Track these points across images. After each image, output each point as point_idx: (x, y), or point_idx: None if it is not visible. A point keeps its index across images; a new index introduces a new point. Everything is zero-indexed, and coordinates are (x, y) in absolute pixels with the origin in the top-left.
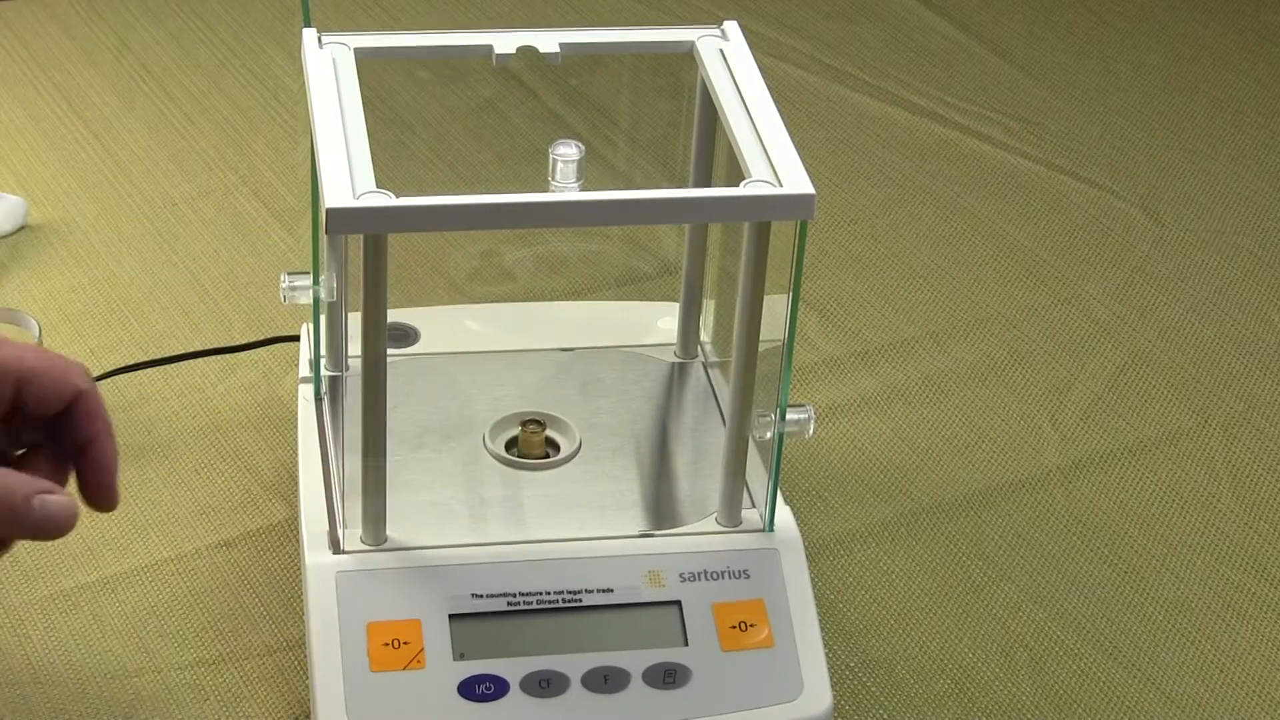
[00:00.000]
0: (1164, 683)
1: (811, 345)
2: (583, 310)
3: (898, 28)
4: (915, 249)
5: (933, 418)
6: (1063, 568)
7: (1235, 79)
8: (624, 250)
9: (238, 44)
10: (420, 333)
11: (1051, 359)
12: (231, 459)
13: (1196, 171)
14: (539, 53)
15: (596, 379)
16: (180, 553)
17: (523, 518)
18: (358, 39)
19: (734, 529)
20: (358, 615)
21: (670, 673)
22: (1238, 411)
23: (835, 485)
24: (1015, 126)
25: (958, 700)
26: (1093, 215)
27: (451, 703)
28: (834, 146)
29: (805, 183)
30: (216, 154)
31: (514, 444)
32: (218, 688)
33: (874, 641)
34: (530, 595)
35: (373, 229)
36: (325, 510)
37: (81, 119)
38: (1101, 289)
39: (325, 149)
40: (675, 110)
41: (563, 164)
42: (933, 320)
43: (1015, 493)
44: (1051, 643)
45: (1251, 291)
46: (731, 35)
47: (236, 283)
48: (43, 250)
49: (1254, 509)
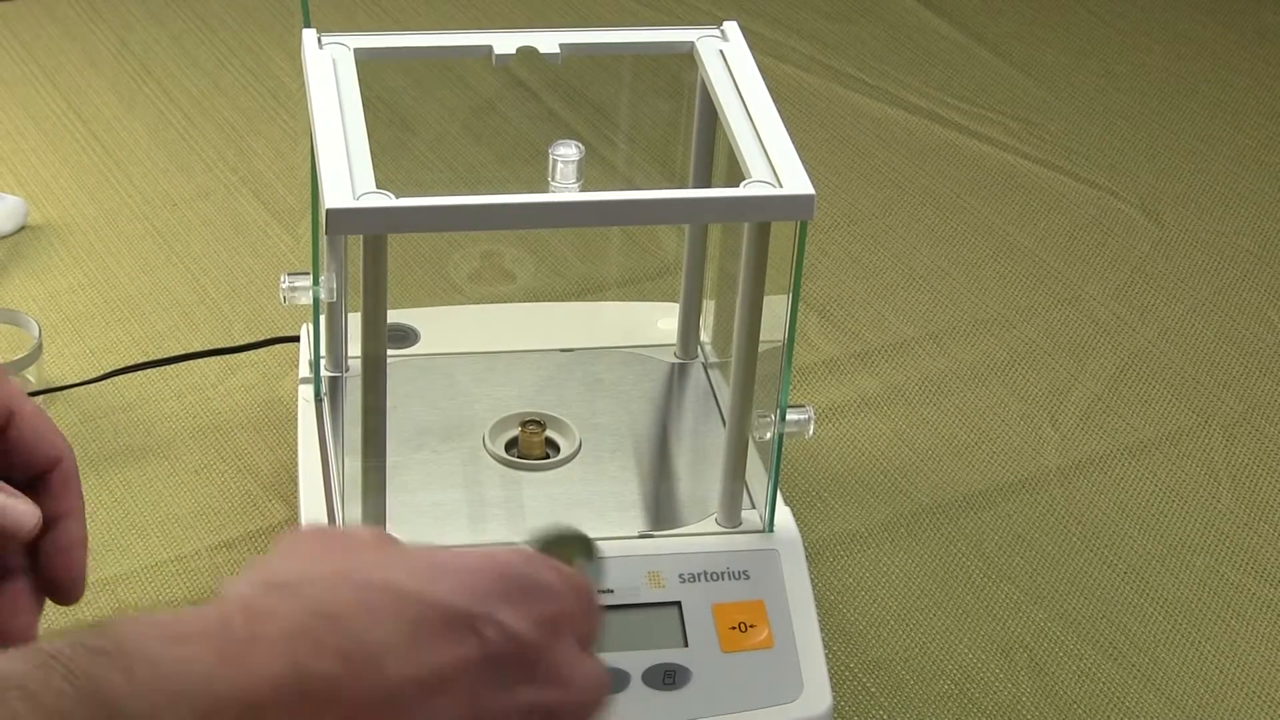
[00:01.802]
0: (1164, 683)
1: (811, 346)
2: (583, 310)
3: (898, 28)
4: (915, 249)
5: (932, 418)
6: (1063, 568)
7: (1235, 79)
8: (624, 250)
9: (238, 44)
10: (420, 333)
11: (1051, 359)
12: (231, 460)
13: (1196, 171)
14: (539, 53)
15: (596, 379)
16: (180, 553)
17: (523, 518)
18: (357, 39)
19: (734, 529)
20: None
21: (670, 673)
22: (1238, 412)
23: (835, 486)
24: (1015, 126)
25: (958, 701)
26: (1093, 216)
27: None
28: (834, 146)
29: (805, 183)
30: (216, 154)
31: (514, 444)
32: None
33: (874, 642)
34: None
35: (373, 229)
36: (325, 511)
37: (81, 119)
38: (1101, 289)
39: (325, 149)
40: (675, 110)
41: (562, 164)
42: (933, 321)
43: (1015, 493)
44: (1051, 643)
45: (1251, 292)
46: (731, 36)
47: (236, 283)
48: (43, 250)
49: (1254, 509)
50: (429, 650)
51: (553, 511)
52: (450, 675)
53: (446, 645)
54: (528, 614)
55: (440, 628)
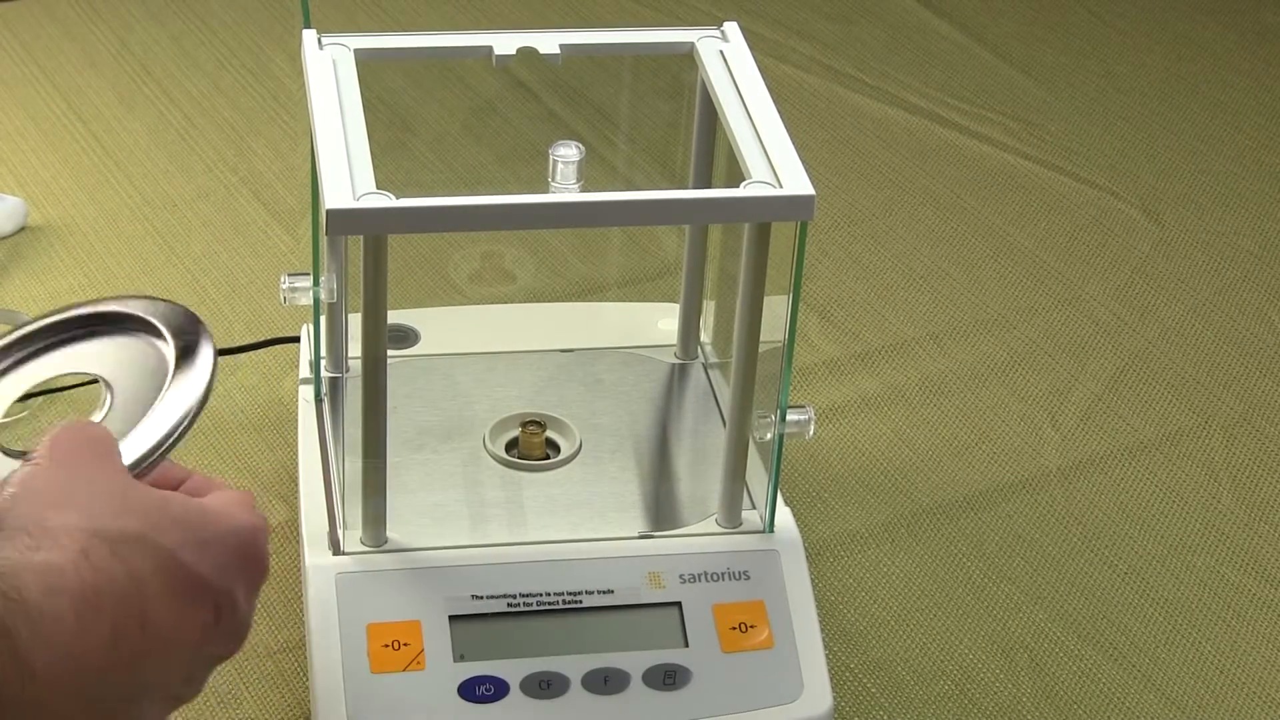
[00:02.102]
0: (1164, 683)
1: (811, 346)
2: (583, 311)
3: (898, 28)
4: (915, 249)
5: (933, 419)
6: (1063, 568)
7: (1235, 79)
8: (624, 250)
9: (238, 44)
10: (420, 334)
11: (1051, 360)
12: (231, 460)
13: (1196, 172)
14: (539, 53)
15: (596, 380)
16: None
17: (523, 519)
18: (358, 40)
19: (734, 530)
20: (358, 617)
21: (670, 674)
22: (1238, 412)
23: (835, 486)
24: (1015, 127)
25: (958, 701)
26: (1093, 216)
27: (452, 704)
28: (834, 147)
29: (805, 184)
30: (216, 155)
31: (514, 445)
32: (218, 689)
33: (874, 642)
34: (530, 596)
35: (373, 230)
36: (325, 511)
37: (81, 119)
38: (1102, 290)
39: (325, 150)
40: (675, 111)
41: (563, 165)
42: (933, 321)
43: (1015, 494)
44: (1051, 643)
45: (1251, 292)
46: (731, 36)
47: (236, 284)
48: (43, 251)
49: (1254, 509)
50: (181, 612)
51: (552, 511)
52: (187, 636)
53: (194, 610)
54: (251, 588)
55: (192, 594)
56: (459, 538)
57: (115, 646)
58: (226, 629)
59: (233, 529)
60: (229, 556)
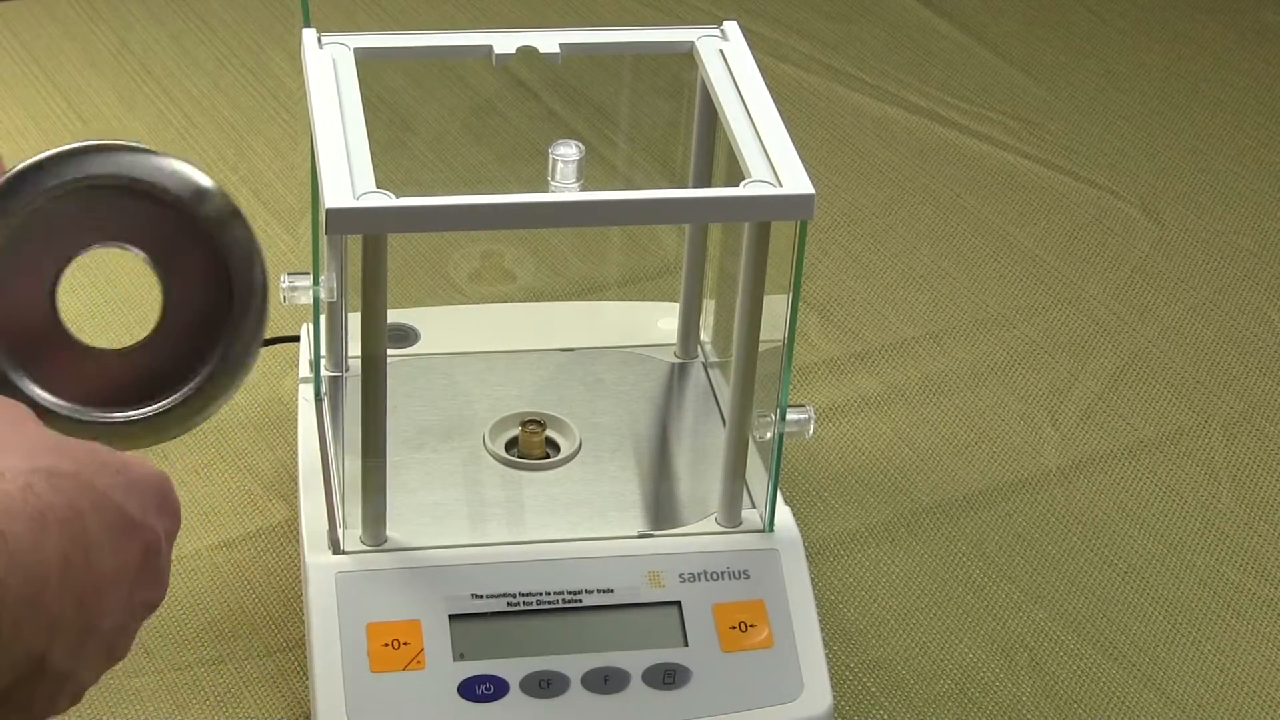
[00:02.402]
0: (1164, 683)
1: (811, 345)
2: (583, 310)
3: (898, 28)
4: (915, 249)
5: (932, 418)
6: (1063, 568)
7: (1235, 79)
8: (624, 250)
9: (238, 44)
10: (420, 333)
11: (1051, 359)
12: (231, 459)
13: (1196, 171)
14: (539, 53)
15: (596, 379)
16: (180, 553)
17: (523, 518)
18: (357, 39)
19: (734, 529)
20: (358, 616)
21: (670, 673)
22: (1238, 411)
23: (835, 486)
24: (1015, 126)
25: (958, 701)
26: (1093, 215)
27: (451, 703)
28: (834, 146)
29: (805, 183)
30: (216, 154)
31: (514, 444)
32: (217, 688)
33: (874, 642)
34: (530, 596)
35: (372, 229)
36: (325, 511)
37: (81, 119)
38: (1101, 289)
39: (325, 149)
40: (675, 110)
41: (562, 164)
42: (933, 320)
43: (1015, 493)
44: (1051, 643)
45: (1251, 292)
46: (731, 35)
47: None
48: None
49: (1254, 509)
50: (116, 548)
51: (552, 511)
52: (123, 576)
53: (127, 548)
54: (169, 533)
55: (125, 532)
56: (459, 537)
57: (67, 573)
58: (152, 572)
59: (151, 474)
60: (151, 499)
